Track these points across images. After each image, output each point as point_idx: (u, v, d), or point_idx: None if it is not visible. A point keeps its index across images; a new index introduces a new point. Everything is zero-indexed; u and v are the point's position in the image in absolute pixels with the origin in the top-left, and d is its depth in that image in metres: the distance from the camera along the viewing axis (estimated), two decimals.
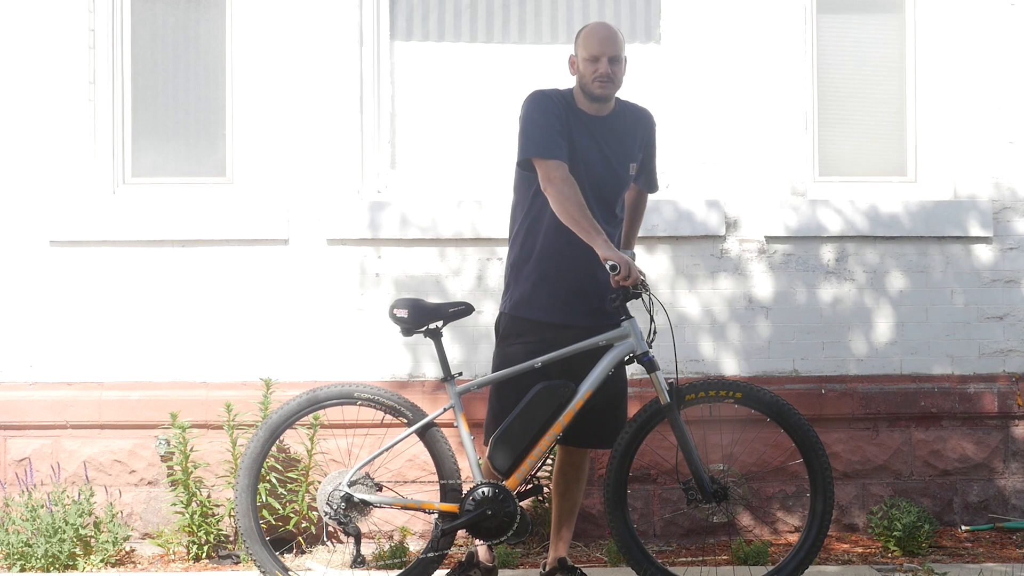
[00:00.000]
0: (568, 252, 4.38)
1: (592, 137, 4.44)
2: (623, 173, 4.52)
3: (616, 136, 4.49)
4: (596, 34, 4.40)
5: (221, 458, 5.56)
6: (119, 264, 5.83)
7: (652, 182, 4.75)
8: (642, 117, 4.61)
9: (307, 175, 5.86)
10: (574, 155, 4.40)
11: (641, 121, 4.59)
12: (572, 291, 4.43)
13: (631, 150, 4.54)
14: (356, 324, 5.84)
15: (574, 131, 4.42)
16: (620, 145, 4.50)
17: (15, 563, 5.25)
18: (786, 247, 5.95)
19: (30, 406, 5.74)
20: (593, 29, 4.44)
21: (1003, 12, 6.01)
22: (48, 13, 5.83)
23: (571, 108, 4.44)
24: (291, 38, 5.87)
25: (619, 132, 4.50)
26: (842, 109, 6.14)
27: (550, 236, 4.42)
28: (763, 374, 5.90)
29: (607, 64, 4.35)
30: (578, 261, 4.38)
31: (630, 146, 4.53)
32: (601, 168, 4.45)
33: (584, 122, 4.43)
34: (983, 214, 5.97)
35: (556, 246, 4.41)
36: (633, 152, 4.55)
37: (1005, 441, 5.93)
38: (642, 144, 4.60)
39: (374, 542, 5.50)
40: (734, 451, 5.45)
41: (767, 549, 5.34)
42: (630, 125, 4.54)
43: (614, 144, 4.48)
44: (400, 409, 4.45)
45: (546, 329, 4.42)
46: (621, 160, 4.50)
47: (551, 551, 4.66)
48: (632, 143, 4.54)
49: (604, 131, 4.46)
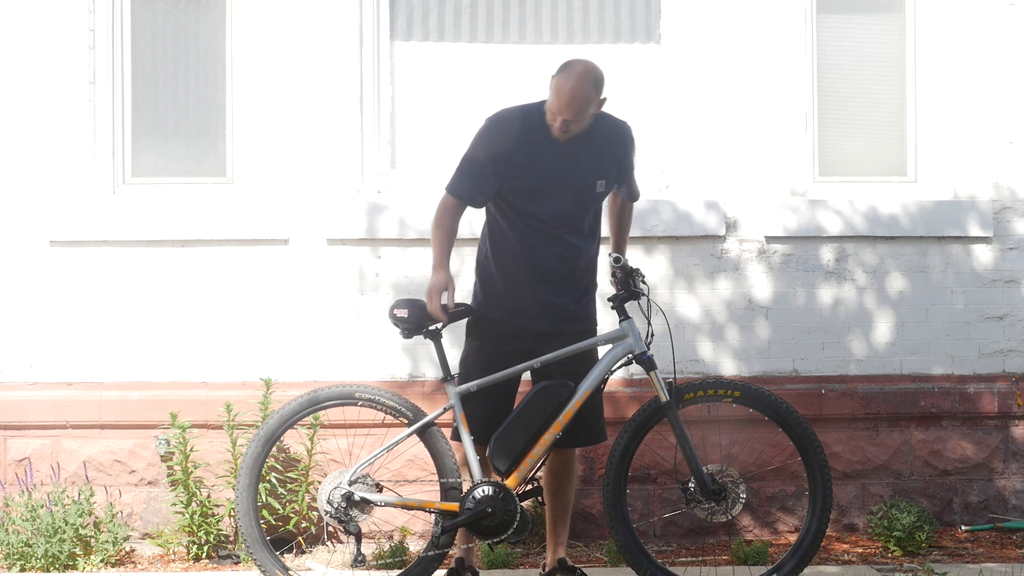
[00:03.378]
0: (525, 262, 4.43)
1: (559, 153, 4.37)
2: (590, 190, 4.45)
3: (586, 153, 4.41)
4: (562, 94, 4.25)
5: (221, 458, 5.56)
6: (119, 264, 5.83)
7: (633, 192, 4.70)
8: (618, 132, 4.51)
9: (307, 175, 5.87)
10: (537, 172, 4.36)
11: (616, 136, 4.50)
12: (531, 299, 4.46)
13: (601, 167, 4.46)
14: (356, 324, 5.84)
15: (538, 147, 4.35)
16: (589, 162, 4.42)
17: (15, 563, 5.25)
18: (786, 247, 5.96)
19: (30, 406, 5.74)
20: (564, 84, 4.26)
21: (1003, 12, 6.01)
22: (48, 13, 5.83)
23: (538, 125, 4.36)
24: (291, 38, 5.87)
25: (589, 149, 4.42)
26: (842, 109, 6.14)
27: (506, 246, 4.47)
28: (763, 374, 5.90)
29: (561, 124, 4.28)
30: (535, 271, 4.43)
31: (600, 163, 4.45)
32: (567, 184, 4.40)
33: (551, 139, 4.37)
34: (983, 214, 5.97)
35: (513, 254, 4.45)
36: (604, 168, 4.46)
37: (1005, 441, 5.94)
38: (616, 160, 4.51)
39: (374, 542, 5.50)
40: (733, 451, 5.46)
41: (767, 549, 5.35)
42: (603, 142, 4.45)
43: (583, 161, 4.41)
44: (400, 409, 4.45)
45: (505, 327, 4.46)
46: (588, 177, 4.43)
47: (549, 552, 4.66)
48: (603, 159, 4.46)
49: (573, 148, 4.38)
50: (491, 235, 4.54)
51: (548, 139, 4.37)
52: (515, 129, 4.38)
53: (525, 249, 4.44)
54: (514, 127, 4.38)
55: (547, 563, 4.67)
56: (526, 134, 4.37)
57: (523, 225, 4.43)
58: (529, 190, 4.39)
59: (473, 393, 4.41)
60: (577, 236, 4.48)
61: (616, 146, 4.50)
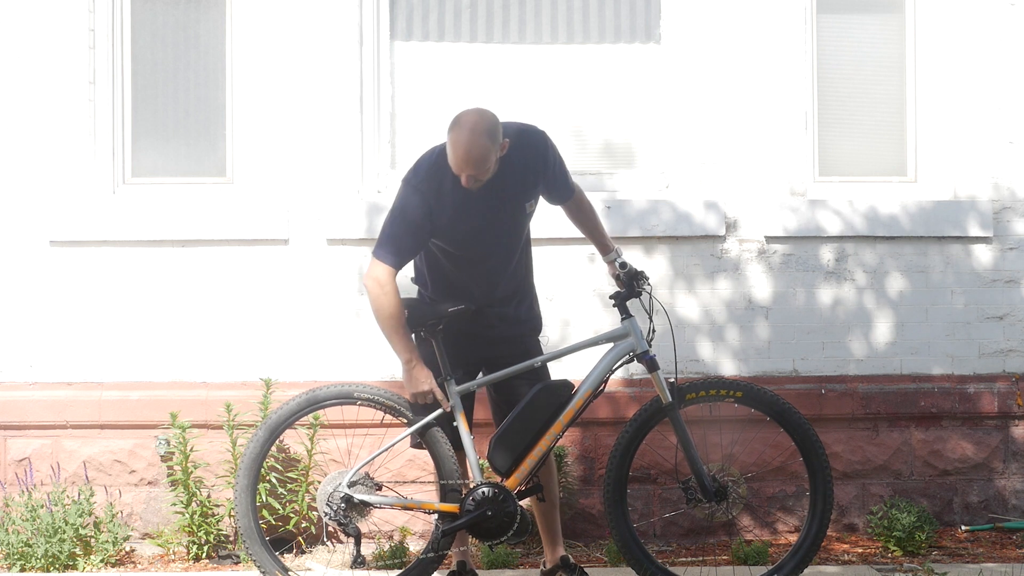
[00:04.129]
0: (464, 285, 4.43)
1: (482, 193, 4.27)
2: (521, 213, 4.41)
3: (505, 183, 4.32)
4: (458, 151, 4.14)
5: (221, 458, 5.56)
6: (119, 264, 5.82)
7: (568, 190, 4.56)
8: (532, 144, 4.37)
9: (307, 175, 5.86)
10: (464, 219, 4.29)
11: (531, 150, 4.36)
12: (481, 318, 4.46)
13: (528, 188, 4.39)
14: (356, 324, 5.84)
15: (460, 194, 4.26)
16: (512, 190, 4.34)
17: (15, 563, 5.25)
18: (786, 247, 5.95)
19: (30, 406, 5.74)
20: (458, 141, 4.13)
21: (1003, 12, 6.01)
22: (48, 13, 5.83)
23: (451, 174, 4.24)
24: (291, 38, 5.87)
25: (511, 176, 4.33)
26: (842, 109, 6.13)
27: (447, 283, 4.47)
28: (763, 374, 5.90)
29: (468, 179, 4.18)
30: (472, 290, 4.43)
31: (525, 184, 4.38)
32: (498, 219, 4.35)
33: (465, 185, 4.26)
34: (983, 214, 5.97)
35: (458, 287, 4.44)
36: (527, 189, 4.39)
37: (1005, 441, 5.93)
38: (540, 172, 4.40)
39: (374, 542, 5.50)
40: (734, 451, 5.46)
41: (767, 549, 5.34)
42: (522, 163, 4.34)
43: (508, 191, 4.33)
44: (400, 409, 4.45)
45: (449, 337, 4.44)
46: (519, 201, 4.38)
47: (548, 551, 4.66)
48: (527, 180, 4.38)
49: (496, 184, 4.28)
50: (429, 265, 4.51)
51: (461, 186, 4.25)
52: (440, 183, 4.28)
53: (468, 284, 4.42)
54: (438, 181, 4.28)
55: (547, 561, 4.67)
56: (447, 182, 4.27)
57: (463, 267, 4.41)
58: (460, 238, 4.33)
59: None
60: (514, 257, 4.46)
61: (534, 164, 4.38)
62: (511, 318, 4.50)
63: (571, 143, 6.00)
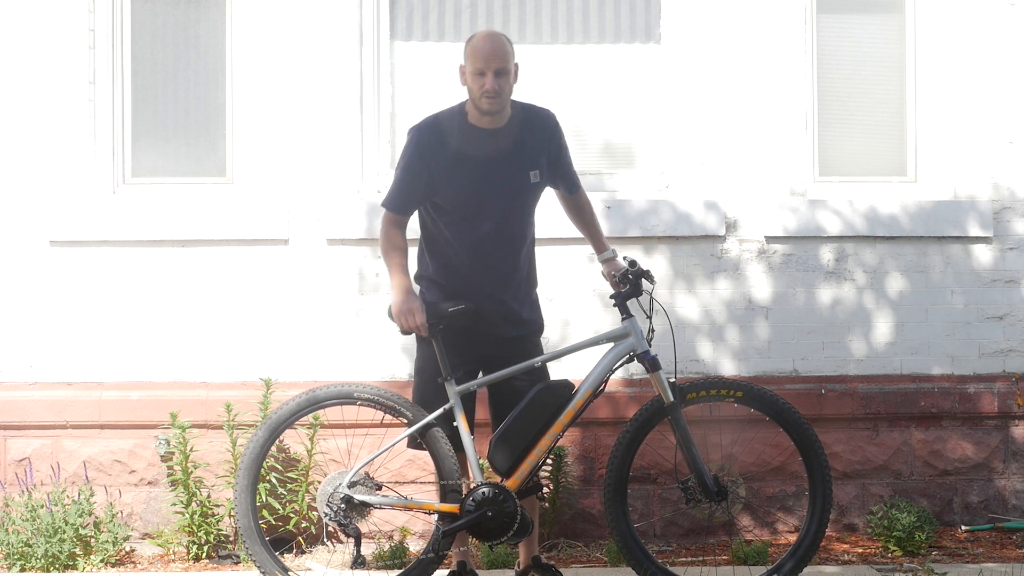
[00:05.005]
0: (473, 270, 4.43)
1: (486, 151, 4.37)
2: (523, 182, 4.43)
3: (514, 145, 4.41)
4: (481, 48, 4.29)
5: (221, 458, 5.56)
6: (119, 264, 5.83)
7: (572, 183, 4.64)
8: (541, 119, 4.50)
9: (307, 175, 5.86)
10: (464, 172, 4.35)
11: (540, 124, 4.49)
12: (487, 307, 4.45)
13: (532, 157, 4.45)
14: (356, 324, 5.84)
15: (464, 147, 4.36)
16: (519, 154, 4.42)
17: (15, 563, 5.25)
18: (786, 247, 5.95)
19: (30, 406, 5.74)
20: (479, 43, 4.31)
21: (1003, 12, 6.01)
22: (48, 13, 5.83)
23: (462, 127, 4.38)
24: (291, 38, 5.87)
25: (517, 141, 4.42)
26: (842, 109, 6.13)
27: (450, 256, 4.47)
28: (763, 374, 5.90)
29: (492, 79, 4.27)
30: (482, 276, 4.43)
31: (530, 153, 4.44)
32: (499, 180, 4.39)
33: (476, 137, 4.37)
34: (983, 214, 5.97)
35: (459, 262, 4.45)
36: (535, 159, 4.45)
37: (1005, 441, 5.93)
38: (546, 147, 4.49)
39: (374, 542, 5.50)
40: (734, 451, 5.46)
41: (767, 549, 5.35)
42: (529, 131, 4.44)
43: (512, 154, 4.40)
44: (400, 409, 4.45)
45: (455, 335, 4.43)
46: (521, 169, 4.42)
47: (522, 551, 4.65)
48: (533, 150, 4.45)
49: (500, 142, 4.38)
50: (430, 249, 4.52)
51: (474, 137, 4.37)
52: (441, 134, 4.38)
53: (468, 260, 4.42)
54: (439, 132, 4.39)
55: (520, 562, 4.66)
56: (451, 135, 4.38)
57: (462, 233, 4.42)
58: (459, 191, 4.38)
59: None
60: (517, 235, 4.47)
61: (542, 132, 4.49)
62: (514, 318, 4.49)
63: (571, 143, 5.88)
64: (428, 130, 4.42)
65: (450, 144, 4.37)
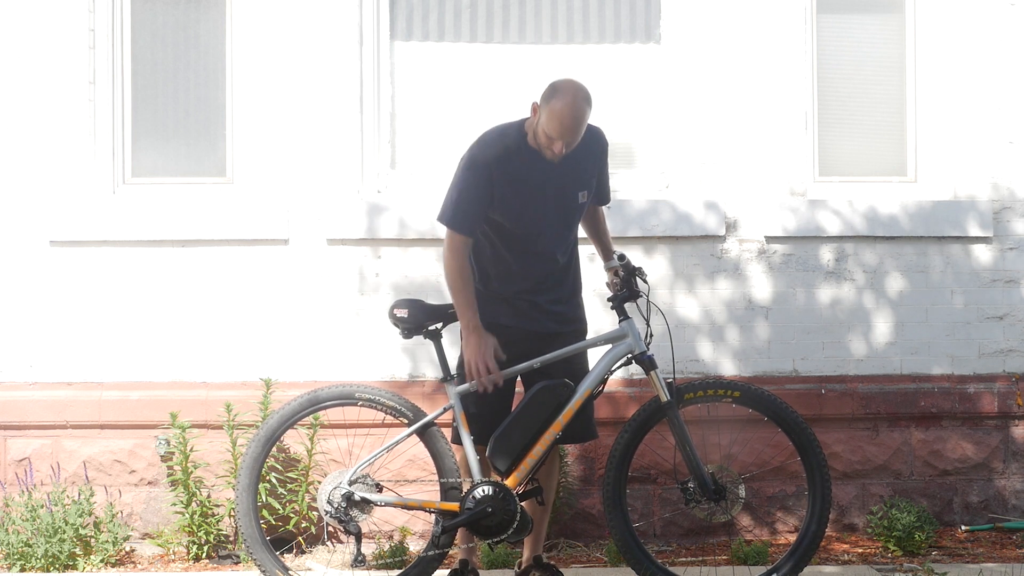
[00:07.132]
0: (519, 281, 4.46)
1: (543, 173, 4.37)
2: (574, 203, 4.46)
3: (570, 169, 4.41)
4: (563, 118, 4.20)
5: (221, 458, 5.56)
6: (119, 264, 5.83)
7: (604, 196, 4.69)
8: (595, 139, 4.50)
9: (307, 175, 5.87)
10: (522, 195, 4.36)
11: (594, 144, 4.50)
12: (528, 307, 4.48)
13: (585, 178, 4.47)
14: (356, 324, 5.84)
15: (523, 170, 4.35)
16: (574, 175, 4.43)
17: (15, 563, 5.25)
18: (786, 247, 5.96)
19: (30, 406, 5.74)
20: (563, 109, 4.20)
21: (1003, 12, 6.01)
22: (48, 13, 5.83)
23: (521, 148, 4.36)
24: (291, 38, 5.87)
25: (573, 164, 4.41)
26: (842, 109, 6.14)
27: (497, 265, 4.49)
28: (763, 374, 5.90)
29: (563, 147, 4.26)
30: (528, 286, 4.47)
31: (583, 175, 4.47)
32: (553, 202, 4.41)
33: (534, 160, 4.36)
34: (983, 214, 5.98)
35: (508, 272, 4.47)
36: (587, 179, 4.48)
37: (1005, 441, 5.94)
38: (597, 167, 4.53)
39: (374, 542, 5.50)
40: (733, 451, 5.47)
41: (767, 549, 5.35)
42: (585, 155, 4.44)
43: (567, 176, 4.41)
44: (400, 409, 4.45)
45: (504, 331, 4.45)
46: (573, 190, 4.44)
47: (526, 550, 4.66)
48: (586, 170, 4.47)
49: (558, 166, 4.37)
50: (477, 255, 4.52)
51: (532, 160, 4.36)
52: (505, 150, 4.36)
53: (518, 268, 4.46)
54: (499, 152, 4.36)
55: (523, 561, 4.67)
56: (512, 157, 4.36)
57: (514, 246, 4.44)
58: (517, 212, 4.38)
59: (472, 393, 4.42)
60: (564, 249, 4.52)
61: (597, 156, 4.52)
62: (565, 316, 4.53)
63: None
64: (494, 146, 4.37)
65: (512, 162, 4.35)
